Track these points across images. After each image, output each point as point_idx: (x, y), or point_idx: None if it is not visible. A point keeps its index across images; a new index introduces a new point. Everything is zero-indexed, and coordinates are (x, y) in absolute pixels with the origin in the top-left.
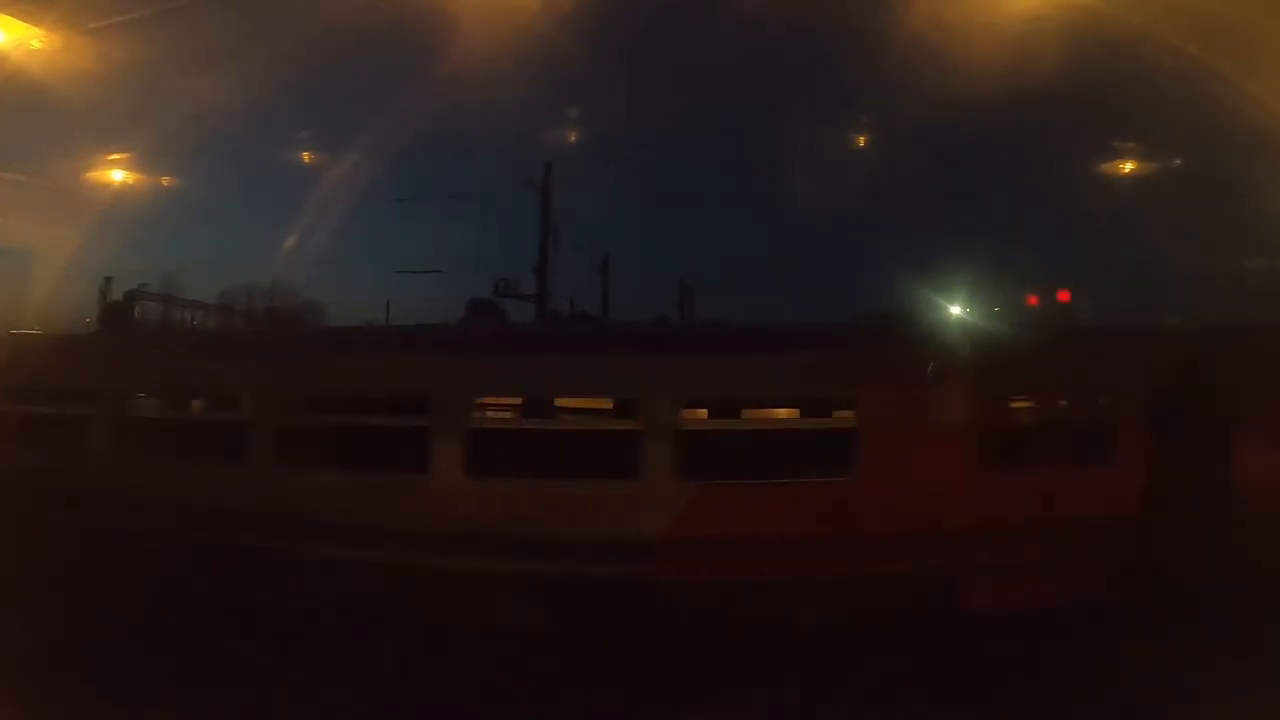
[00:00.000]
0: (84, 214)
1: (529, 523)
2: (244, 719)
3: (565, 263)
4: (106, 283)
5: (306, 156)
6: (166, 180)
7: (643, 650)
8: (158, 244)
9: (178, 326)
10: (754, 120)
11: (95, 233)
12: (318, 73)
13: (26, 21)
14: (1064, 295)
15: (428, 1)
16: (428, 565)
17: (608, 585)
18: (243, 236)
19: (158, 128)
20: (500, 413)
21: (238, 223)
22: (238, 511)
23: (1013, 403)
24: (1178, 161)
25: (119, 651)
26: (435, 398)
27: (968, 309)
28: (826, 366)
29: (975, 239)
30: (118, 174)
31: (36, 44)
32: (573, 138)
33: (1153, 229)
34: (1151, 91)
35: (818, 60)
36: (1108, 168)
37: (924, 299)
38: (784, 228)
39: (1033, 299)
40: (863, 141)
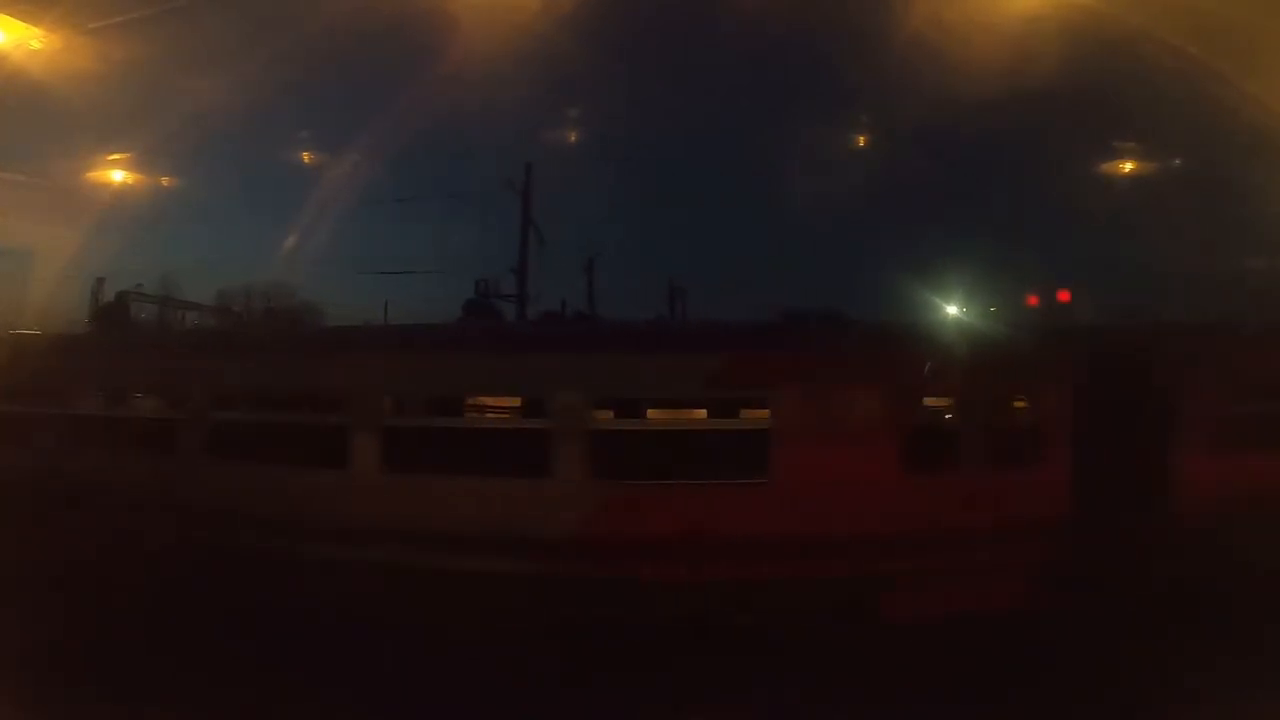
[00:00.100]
0: (84, 214)
1: (441, 518)
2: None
3: (556, 264)
4: (99, 283)
5: (306, 156)
6: (166, 180)
7: (643, 650)
8: (157, 244)
9: (165, 327)
10: (754, 120)
11: (95, 233)
12: (318, 73)
13: (26, 21)
14: (1064, 295)
15: (428, 1)
16: (331, 557)
17: (517, 582)
18: (242, 236)
19: (158, 128)
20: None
21: (237, 222)
22: (171, 503)
23: (935, 403)
24: (1178, 161)
25: None
26: (352, 397)
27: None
28: (739, 366)
29: (975, 239)
30: (118, 174)
31: (36, 44)
32: (572, 138)
33: (1152, 229)
34: (1151, 91)
35: (818, 60)
36: (1108, 168)
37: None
38: (784, 227)
39: (1022, 299)
40: (863, 141)
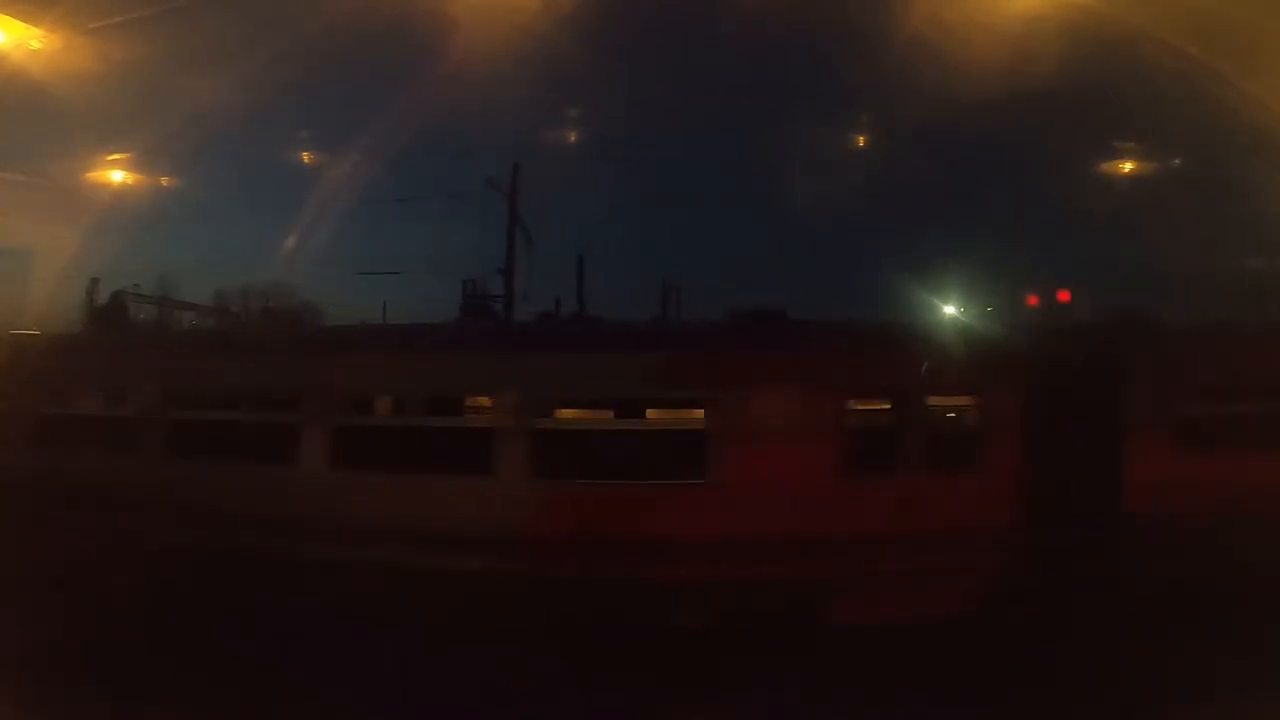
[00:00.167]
0: (84, 214)
1: (388, 515)
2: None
3: (553, 264)
4: (93, 284)
5: (305, 156)
6: (166, 180)
7: (643, 650)
8: (157, 244)
9: (161, 326)
10: (753, 120)
11: (95, 233)
12: (317, 73)
13: (26, 21)
14: (1064, 295)
15: (428, 1)
16: (285, 549)
17: (459, 579)
18: (241, 236)
19: (158, 128)
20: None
21: (236, 222)
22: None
23: (880, 406)
24: (1178, 161)
25: None
26: (306, 395)
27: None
28: (680, 367)
29: (975, 238)
30: (118, 174)
31: (36, 44)
32: (572, 137)
33: (1153, 229)
34: (1151, 91)
35: (818, 60)
36: (1108, 168)
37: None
38: (783, 227)
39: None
40: (862, 141)
